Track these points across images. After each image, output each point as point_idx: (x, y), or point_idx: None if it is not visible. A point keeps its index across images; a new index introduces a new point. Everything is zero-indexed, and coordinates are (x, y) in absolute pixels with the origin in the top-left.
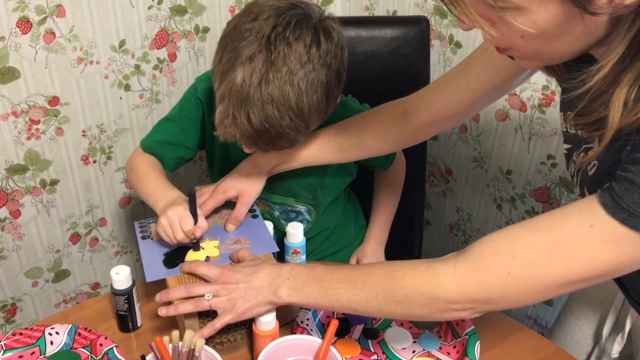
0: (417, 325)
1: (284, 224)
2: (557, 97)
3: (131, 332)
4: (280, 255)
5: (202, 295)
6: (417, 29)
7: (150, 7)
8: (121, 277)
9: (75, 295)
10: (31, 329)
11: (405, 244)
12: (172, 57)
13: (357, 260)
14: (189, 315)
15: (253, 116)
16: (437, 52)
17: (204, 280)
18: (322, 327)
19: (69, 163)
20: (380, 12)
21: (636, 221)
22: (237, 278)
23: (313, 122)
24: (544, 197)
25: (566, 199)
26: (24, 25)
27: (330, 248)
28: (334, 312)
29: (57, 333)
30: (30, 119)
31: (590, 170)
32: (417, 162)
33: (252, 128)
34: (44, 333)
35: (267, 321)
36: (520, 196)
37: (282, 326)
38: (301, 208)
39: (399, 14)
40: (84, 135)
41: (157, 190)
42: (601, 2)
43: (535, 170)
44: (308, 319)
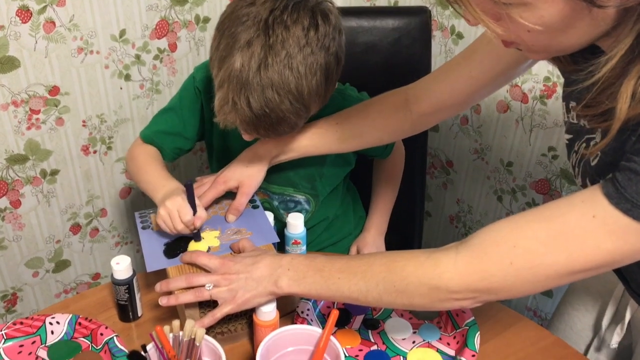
0: (417, 316)
1: (282, 214)
2: (558, 88)
3: (131, 321)
4: (281, 246)
5: (203, 286)
6: (418, 20)
7: None
8: (122, 267)
9: (76, 286)
10: (32, 319)
11: (406, 236)
12: (173, 47)
13: (358, 250)
14: (189, 305)
15: (253, 101)
16: (438, 43)
17: (205, 270)
18: (323, 318)
19: (69, 153)
20: (381, 2)
21: (639, 212)
22: (237, 268)
23: (313, 106)
24: (545, 189)
25: (567, 190)
26: (24, 14)
27: (330, 239)
28: (334, 302)
29: (57, 323)
30: (30, 109)
31: (592, 161)
32: (417, 154)
33: (253, 113)
34: (44, 322)
35: (268, 311)
36: (521, 188)
37: (283, 316)
38: (300, 198)
39: (401, 4)
40: (84, 126)
41: (156, 180)
42: None
43: (536, 162)
44: (308, 310)
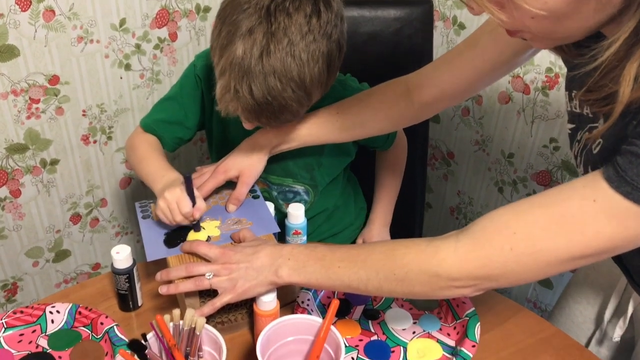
0: (418, 307)
1: (281, 204)
2: (560, 79)
3: (132, 311)
4: (281, 236)
5: (203, 275)
6: (420, 10)
7: None
8: (122, 256)
9: (76, 275)
10: (32, 308)
11: (406, 227)
12: (173, 36)
13: (364, 242)
14: (189, 294)
15: (255, 89)
16: (440, 33)
17: (205, 260)
18: (323, 308)
19: (69, 143)
20: None
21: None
22: (238, 258)
23: (315, 93)
24: (546, 180)
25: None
26: (23, 2)
27: (330, 230)
28: (334, 292)
29: (57, 312)
30: (30, 98)
31: (594, 149)
32: (418, 145)
33: (255, 101)
34: (44, 312)
35: (268, 301)
36: (522, 179)
37: (283, 306)
38: (299, 188)
39: None
40: (84, 115)
41: (156, 171)
42: None
43: (537, 154)
44: (309, 299)
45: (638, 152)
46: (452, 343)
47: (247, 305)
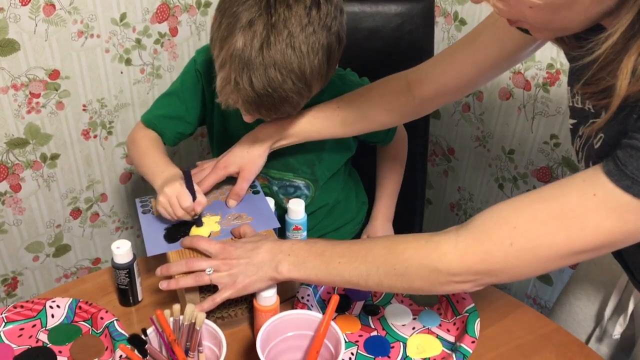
0: (418, 302)
1: (282, 199)
2: (561, 76)
3: (132, 306)
4: (281, 232)
5: (203, 270)
6: (421, 6)
7: None
8: (122, 251)
9: (76, 270)
10: (32, 302)
11: (406, 223)
12: (174, 31)
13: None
14: (189, 289)
15: (255, 80)
16: (441, 29)
17: (205, 255)
18: (323, 303)
19: (70, 137)
20: None
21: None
22: (238, 254)
23: (315, 85)
24: (546, 176)
25: None
26: None
27: (331, 225)
28: (334, 288)
29: (58, 306)
30: (30, 93)
31: (596, 144)
32: (419, 141)
33: (255, 93)
34: (45, 306)
35: (268, 296)
36: (523, 176)
37: (283, 302)
38: (299, 183)
39: None
40: (84, 110)
41: (156, 166)
42: None
43: (538, 150)
44: (309, 295)
45: (638, 145)
46: (451, 339)
47: (247, 301)
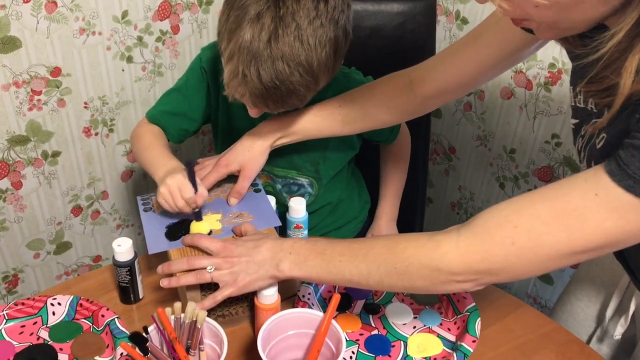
0: (418, 301)
1: (285, 197)
2: (563, 75)
3: (133, 304)
4: (282, 230)
5: (204, 268)
6: (423, 4)
7: None
8: (123, 249)
9: (77, 268)
10: (33, 299)
11: (407, 222)
12: (175, 29)
13: None
14: (191, 287)
15: (263, 73)
16: (443, 28)
17: (206, 253)
18: (324, 302)
19: (71, 135)
20: None
21: None
22: (239, 252)
23: (322, 78)
24: (548, 176)
25: None
26: None
27: (334, 223)
28: (335, 286)
29: (59, 304)
30: (32, 90)
31: (598, 144)
32: (420, 140)
33: (262, 85)
34: (46, 303)
35: (269, 295)
36: (524, 175)
37: (284, 300)
38: (303, 181)
39: None
40: (85, 107)
41: (158, 159)
42: None
43: (539, 149)
44: (309, 294)
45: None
46: (452, 338)
47: (248, 299)
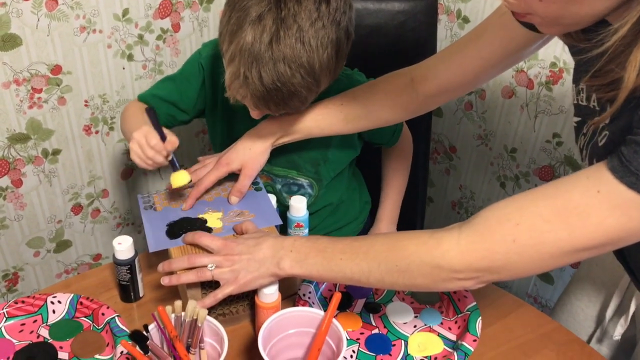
0: (419, 300)
1: (285, 197)
2: (565, 74)
3: (133, 302)
4: (283, 229)
5: (205, 266)
6: (424, 3)
7: None
8: (124, 247)
9: (77, 266)
10: (33, 298)
11: (407, 221)
12: (176, 27)
13: None
14: (191, 285)
15: (265, 75)
16: (444, 26)
17: (207, 251)
18: (324, 301)
19: (71, 133)
20: None
21: None
22: (240, 249)
23: (324, 80)
24: (548, 175)
25: None
26: None
27: (334, 224)
28: (336, 285)
29: (59, 302)
30: (32, 88)
31: (600, 141)
32: (421, 139)
33: (264, 87)
34: (46, 302)
35: (270, 293)
36: (525, 175)
37: (284, 299)
38: (303, 181)
39: None
40: (86, 105)
41: (137, 123)
42: None
43: (540, 149)
44: (310, 292)
45: None
46: (453, 337)
47: (248, 298)
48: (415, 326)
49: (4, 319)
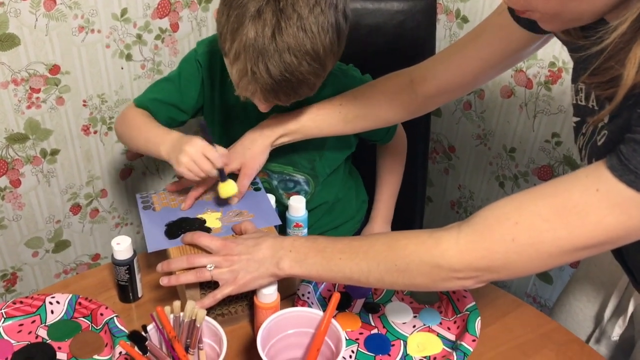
0: (418, 300)
1: (282, 194)
2: (564, 74)
3: (132, 302)
4: (282, 229)
5: (204, 266)
6: (423, 3)
7: None
8: (122, 247)
9: (76, 266)
10: (32, 298)
11: (407, 221)
12: (174, 27)
13: None
14: (190, 285)
15: (272, 67)
16: (443, 26)
17: (206, 251)
18: (323, 301)
19: (70, 133)
20: None
21: None
22: (239, 250)
23: (329, 64)
24: (547, 175)
25: None
26: None
27: (331, 222)
28: (335, 285)
29: (57, 302)
30: (30, 88)
31: (599, 141)
32: (420, 139)
33: (273, 79)
34: (44, 302)
35: (269, 293)
36: (523, 174)
37: (283, 299)
38: (299, 178)
39: None
40: (84, 105)
41: (158, 134)
42: None
43: (539, 148)
44: (309, 292)
45: None
46: (452, 337)
47: (247, 298)
48: (414, 326)
49: (3, 319)
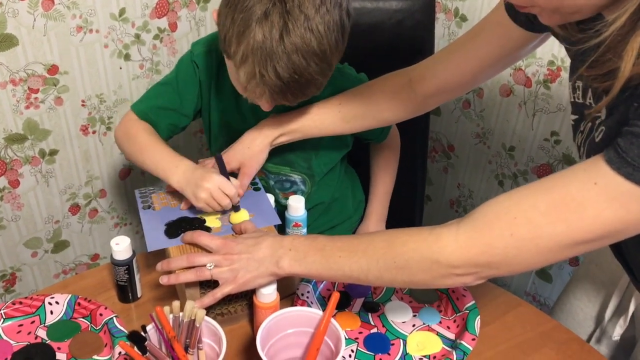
0: (418, 299)
1: (278, 194)
2: (562, 72)
3: (131, 302)
4: (281, 228)
5: (204, 265)
6: (422, 1)
7: None
8: (121, 247)
9: (75, 266)
10: (31, 298)
11: (406, 220)
12: (173, 26)
13: None
14: (190, 284)
15: (280, 69)
16: (442, 25)
17: (206, 250)
18: (323, 300)
19: (68, 133)
20: None
21: None
22: (239, 249)
23: (334, 62)
24: (547, 174)
25: None
26: None
27: (328, 222)
28: (334, 284)
29: (57, 303)
30: (29, 88)
31: (597, 137)
32: (419, 137)
33: (281, 81)
34: (43, 302)
35: (268, 293)
36: (523, 173)
37: (283, 299)
38: (296, 177)
39: None
40: (83, 105)
41: (165, 162)
42: None
43: (538, 147)
44: (308, 292)
45: (639, 132)
46: (452, 336)
47: (247, 297)
48: (414, 325)
49: (2, 319)
